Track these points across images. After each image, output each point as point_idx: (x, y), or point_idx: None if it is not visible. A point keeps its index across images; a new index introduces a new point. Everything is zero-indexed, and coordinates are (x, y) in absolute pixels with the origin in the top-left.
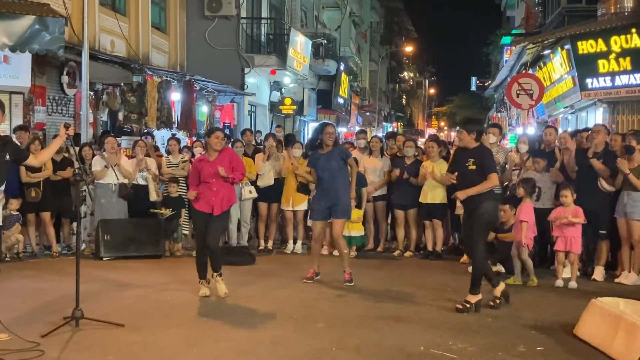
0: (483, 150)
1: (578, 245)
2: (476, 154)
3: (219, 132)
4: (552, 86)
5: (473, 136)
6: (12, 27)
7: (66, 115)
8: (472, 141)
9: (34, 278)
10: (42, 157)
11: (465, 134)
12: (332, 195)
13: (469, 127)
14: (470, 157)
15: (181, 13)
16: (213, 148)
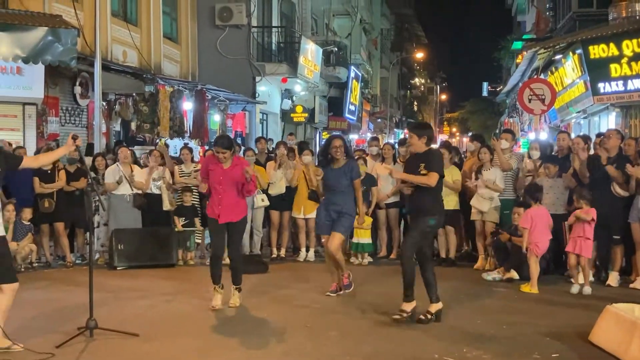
0: (432, 154)
1: (588, 249)
2: (426, 159)
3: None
4: (564, 91)
5: (424, 140)
6: (25, 39)
7: (79, 126)
8: (423, 145)
9: (48, 288)
10: (42, 160)
11: (415, 139)
12: (336, 209)
13: (419, 132)
14: (421, 162)
15: (192, 23)
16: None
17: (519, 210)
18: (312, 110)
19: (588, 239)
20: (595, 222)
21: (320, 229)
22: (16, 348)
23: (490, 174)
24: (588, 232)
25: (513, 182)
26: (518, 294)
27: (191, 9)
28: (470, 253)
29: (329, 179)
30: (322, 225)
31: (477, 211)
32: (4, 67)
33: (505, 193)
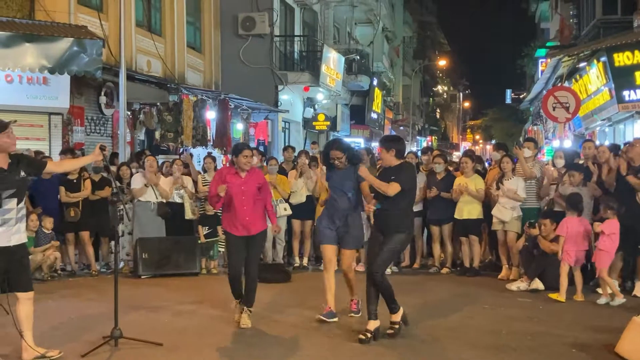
0: (403, 167)
1: (605, 259)
2: (396, 172)
3: (248, 150)
4: (589, 99)
5: (392, 153)
6: (51, 49)
7: (104, 135)
8: (393, 159)
9: (73, 297)
10: (65, 165)
11: (384, 152)
12: (341, 219)
13: (388, 145)
14: (392, 175)
15: (216, 32)
16: (242, 168)
17: (545, 222)
18: (334, 118)
19: (601, 250)
20: (615, 234)
21: (321, 237)
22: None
23: (512, 183)
24: (602, 244)
25: (536, 191)
26: (543, 304)
27: (214, 19)
28: (494, 263)
29: (334, 181)
30: (323, 233)
31: (499, 221)
32: (31, 77)
33: (528, 202)
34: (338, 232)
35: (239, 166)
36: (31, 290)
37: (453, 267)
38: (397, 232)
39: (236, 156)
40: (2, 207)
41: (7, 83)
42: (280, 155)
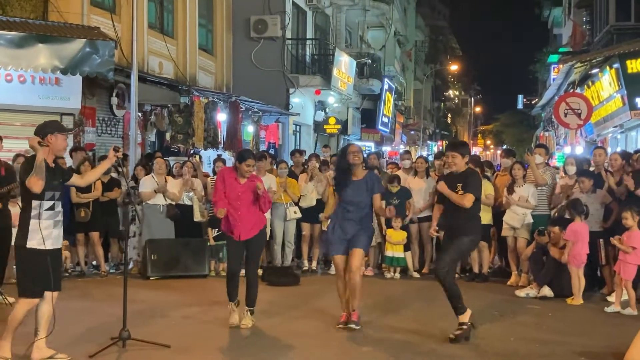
0: (471, 175)
1: (630, 270)
2: (464, 180)
3: (252, 159)
4: (601, 105)
5: (466, 159)
6: (64, 50)
7: (115, 136)
8: (464, 165)
9: (82, 297)
10: (89, 178)
11: (459, 158)
12: (353, 228)
13: (463, 150)
14: (458, 182)
15: (228, 35)
16: (243, 175)
17: (555, 229)
18: (345, 122)
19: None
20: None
21: (332, 248)
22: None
23: (523, 190)
24: (630, 256)
25: (547, 197)
26: (552, 311)
27: (227, 21)
28: (503, 269)
29: (347, 194)
30: (334, 243)
31: (509, 227)
32: (43, 77)
33: (539, 209)
34: (349, 238)
35: (240, 173)
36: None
37: (462, 272)
38: (464, 235)
39: (239, 163)
40: (55, 208)
41: (20, 83)
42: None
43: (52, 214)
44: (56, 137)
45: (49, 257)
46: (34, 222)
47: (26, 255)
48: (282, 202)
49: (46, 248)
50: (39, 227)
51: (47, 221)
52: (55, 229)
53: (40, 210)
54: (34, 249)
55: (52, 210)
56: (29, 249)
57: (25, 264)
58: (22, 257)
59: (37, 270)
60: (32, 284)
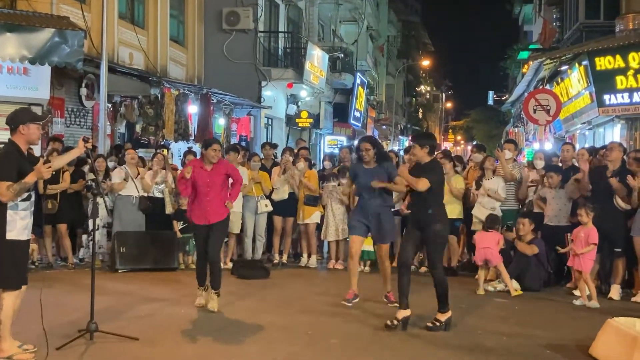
0: (433, 165)
1: (587, 264)
2: (426, 169)
3: (217, 144)
4: (570, 102)
5: (426, 150)
6: (32, 40)
7: (84, 127)
8: (426, 155)
9: (49, 289)
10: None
11: (418, 149)
12: (373, 216)
13: (422, 141)
14: (422, 172)
15: (199, 26)
16: (209, 160)
17: (524, 221)
18: (317, 115)
19: (588, 257)
20: (596, 244)
21: (351, 228)
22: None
23: (492, 183)
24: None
25: (515, 192)
26: (519, 304)
27: (198, 13)
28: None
29: (361, 179)
30: (354, 225)
31: (479, 221)
32: (11, 67)
33: (507, 203)
34: (371, 227)
35: (207, 159)
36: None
37: None
38: (433, 224)
39: (205, 149)
40: (31, 199)
41: None
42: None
43: (29, 204)
44: (28, 127)
45: (25, 247)
46: (11, 212)
47: (7, 247)
48: (254, 195)
49: (24, 239)
50: (16, 218)
51: (24, 212)
52: (30, 219)
53: (17, 201)
54: (14, 240)
55: (28, 201)
56: (9, 240)
57: (7, 256)
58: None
59: (20, 261)
60: (16, 274)
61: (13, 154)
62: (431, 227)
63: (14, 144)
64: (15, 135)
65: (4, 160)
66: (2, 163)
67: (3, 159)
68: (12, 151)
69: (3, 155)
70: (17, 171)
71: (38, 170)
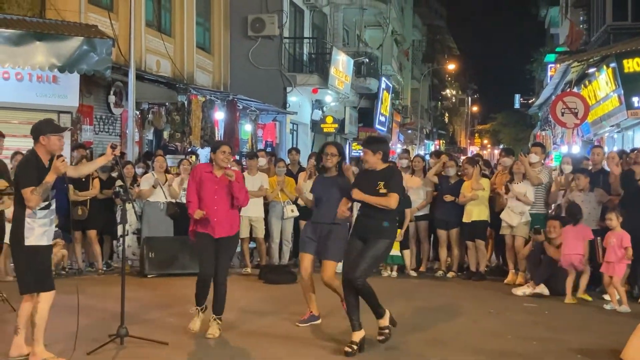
0: (392, 172)
1: (621, 269)
2: (386, 177)
3: (226, 146)
4: (598, 105)
5: (379, 156)
6: (61, 48)
7: (113, 134)
8: (379, 162)
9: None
10: (82, 169)
11: (370, 154)
12: (324, 230)
13: (374, 147)
14: (379, 179)
15: (225, 33)
16: (219, 165)
17: (555, 224)
18: (342, 121)
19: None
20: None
21: (302, 246)
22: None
23: (521, 187)
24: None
25: (544, 196)
26: (549, 309)
27: (224, 20)
28: (500, 267)
29: (318, 188)
30: (304, 241)
31: (507, 225)
32: (40, 75)
33: (536, 207)
34: (319, 242)
35: (216, 163)
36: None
37: (459, 271)
38: (382, 239)
39: (214, 152)
40: (50, 207)
41: (17, 81)
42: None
43: (48, 213)
44: (49, 138)
45: (47, 251)
46: (29, 220)
47: (27, 254)
48: (280, 200)
49: (44, 244)
50: (35, 225)
51: (43, 219)
52: (51, 226)
53: (37, 208)
54: (34, 246)
55: (47, 209)
56: (28, 246)
57: (29, 262)
58: (24, 256)
59: (43, 265)
60: (43, 278)
61: (31, 162)
62: (380, 242)
63: (35, 153)
64: (37, 145)
65: (23, 168)
66: (22, 171)
67: (22, 167)
68: (31, 159)
69: (23, 164)
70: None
71: (55, 167)
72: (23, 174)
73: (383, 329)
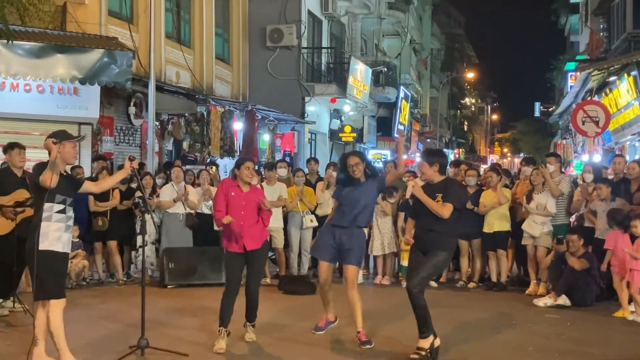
0: (450, 183)
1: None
2: (444, 189)
3: (250, 162)
4: (619, 113)
5: (435, 168)
6: (82, 60)
7: (133, 145)
8: (436, 174)
9: (100, 305)
10: (102, 185)
11: (426, 167)
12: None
13: (430, 159)
14: (438, 191)
15: (244, 44)
16: (244, 181)
17: (573, 238)
18: (360, 130)
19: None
20: None
21: (318, 252)
22: None
23: (542, 197)
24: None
25: (566, 206)
26: (571, 320)
27: (243, 31)
28: (522, 278)
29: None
30: (321, 247)
31: (529, 236)
32: (62, 87)
33: (558, 217)
34: (340, 248)
35: (241, 179)
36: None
37: (480, 281)
38: (441, 250)
39: (238, 168)
40: (67, 213)
41: (38, 93)
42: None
43: (63, 218)
44: (64, 146)
45: (62, 259)
46: (45, 224)
47: (42, 258)
48: (299, 210)
49: (59, 250)
50: (49, 230)
51: (57, 224)
52: (66, 233)
53: (52, 212)
54: (48, 250)
55: (63, 214)
56: (42, 251)
57: (43, 267)
58: (38, 261)
59: (57, 271)
60: (55, 285)
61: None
62: (439, 253)
63: None
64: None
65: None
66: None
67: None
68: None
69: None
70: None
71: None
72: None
73: (420, 350)
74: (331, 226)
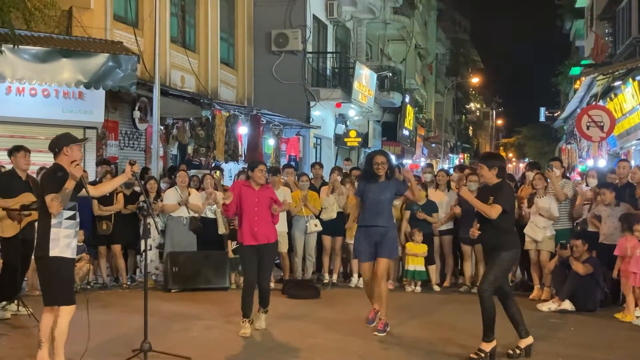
0: (503, 187)
1: None
2: (496, 192)
3: (262, 165)
4: (624, 118)
5: (494, 172)
6: (87, 65)
7: (137, 149)
8: (494, 177)
9: (103, 309)
10: (101, 189)
11: (486, 170)
12: (378, 234)
13: (490, 162)
14: (491, 194)
15: (249, 49)
16: (257, 182)
17: (577, 243)
18: (365, 134)
19: None
20: None
21: (359, 255)
22: None
23: (544, 201)
24: None
25: (569, 211)
26: (575, 325)
27: (248, 35)
28: (525, 282)
29: (369, 193)
30: (361, 250)
31: (532, 240)
32: (67, 92)
33: (561, 222)
34: (375, 247)
35: (254, 180)
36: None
37: None
38: (502, 251)
39: (252, 171)
40: (76, 218)
41: (44, 97)
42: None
43: (73, 224)
44: (71, 149)
45: (71, 264)
46: (55, 230)
47: (52, 265)
48: (303, 215)
49: (69, 257)
50: (59, 236)
51: (67, 230)
52: (74, 239)
53: (62, 219)
54: (58, 257)
55: (73, 220)
56: (52, 257)
57: (53, 273)
58: (48, 267)
59: (66, 277)
60: (65, 291)
61: (57, 172)
62: (502, 253)
63: (59, 165)
64: (59, 157)
65: (47, 178)
66: (47, 180)
67: (48, 176)
68: (57, 170)
69: (47, 174)
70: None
71: (71, 173)
72: (47, 182)
73: (480, 351)
74: (364, 228)
